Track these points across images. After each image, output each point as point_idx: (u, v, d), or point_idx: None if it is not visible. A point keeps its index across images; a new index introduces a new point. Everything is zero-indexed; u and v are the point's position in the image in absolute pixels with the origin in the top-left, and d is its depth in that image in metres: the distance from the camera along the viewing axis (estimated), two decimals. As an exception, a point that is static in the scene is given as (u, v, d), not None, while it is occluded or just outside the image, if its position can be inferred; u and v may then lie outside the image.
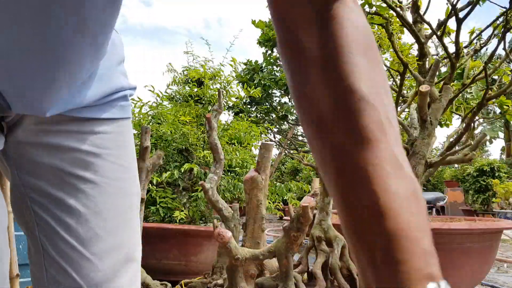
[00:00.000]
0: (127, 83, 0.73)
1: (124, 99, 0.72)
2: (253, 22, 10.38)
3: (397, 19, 2.69)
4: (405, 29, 2.97)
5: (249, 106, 10.02)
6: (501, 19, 2.38)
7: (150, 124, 3.78)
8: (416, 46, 2.91)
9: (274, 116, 9.98)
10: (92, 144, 0.67)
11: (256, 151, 4.34)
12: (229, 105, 4.78)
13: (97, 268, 0.64)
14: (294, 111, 10.30)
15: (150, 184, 3.34)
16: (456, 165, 13.80)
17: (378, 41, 3.16)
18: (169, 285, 2.23)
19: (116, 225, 0.67)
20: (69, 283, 0.64)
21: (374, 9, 2.50)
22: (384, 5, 2.42)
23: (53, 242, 0.65)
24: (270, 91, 10.02)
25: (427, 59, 2.77)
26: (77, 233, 0.64)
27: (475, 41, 2.83)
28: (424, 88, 1.89)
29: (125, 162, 0.71)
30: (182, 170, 3.40)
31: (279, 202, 3.94)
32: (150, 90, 3.96)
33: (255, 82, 9.70)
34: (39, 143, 0.66)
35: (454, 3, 2.18)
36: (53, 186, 0.66)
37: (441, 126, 3.41)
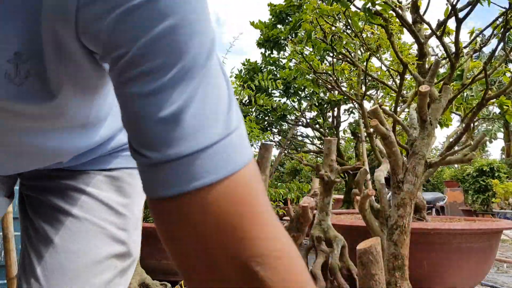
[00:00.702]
0: None
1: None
2: (252, 23, 10.38)
3: (397, 19, 2.69)
4: (404, 29, 2.97)
5: (248, 106, 10.02)
6: (500, 19, 2.38)
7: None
8: (415, 46, 2.92)
9: (273, 117, 9.98)
10: (82, 181, 0.67)
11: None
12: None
13: None
14: (293, 111, 10.30)
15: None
16: (455, 165, 13.80)
17: (377, 41, 3.16)
18: (169, 285, 2.24)
19: (84, 265, 0.64)
20: None
21: (374, 8, 2.50)
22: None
23: (25, 271, 0.66)
24: (269, 91, 10.02)
25: (427, 59, 2.77)
26: (44, 263, 0.63)
27: (478, 39, 2.82)
28: (423, 88, 1.89)
29: (117, 207, 0.69)
30: None
31: (280, 201, 3.94)
32: None
33: (254, 82, 9.69)
34: (37, 183, 0.70)
35: (454, 3, 2.19)
36: (38, 217, 0.68)
37: (441, 126, 3.41)
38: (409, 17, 2.73)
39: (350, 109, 10.58)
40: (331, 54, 3.21)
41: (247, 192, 0.37)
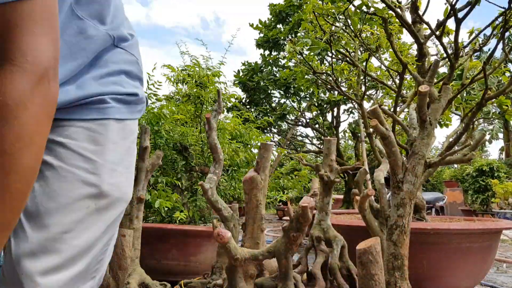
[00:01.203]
0: (113, 89, 0.84)
1: (102, 103, 0.82)
2: (251, 25, 10.38)
3: (396, 19, 2.69)
4: (404, 29, 2.97)
5: (248, 107, 10.01)
6: (500, 19, 2.39)
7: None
8: (415, 46, 2.91)
9: (273, 117, 9.98)
10: (58, 134, 0.79)
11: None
12: (228, 106, 4.77)
13: (28, 238, 0.73)
14: (293, 111, 10.27)
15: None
16: (455, 165, 13.80)
17: (377, 41, 3.16)
18: (169, 285, 2.23)
19: (56, 206, 0.75)
20: (8, 252, 0.74)
21: (371, 9, 2.51)
22: (381, 6, 2.42)
23: None
24: (269, 91, 10.02)
25: (426, 59, 2.77)
26: (26, 206, 0.75)
27: (478, 39, 2.82)
28: (423, 88, 1.89)
29: (91, 155, 0.80)
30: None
31: (281, 196, 3.94)
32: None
33: (254, 82, 9.69)
34: None
35: (453, 3, 2.19)
36: None
37: (441, 126, 3.41)
38: (408, 17, 2.73)
39: (350, 109, 10.57)
40: (330, 54, 3.21)
41: (29, 10, 0.57)
